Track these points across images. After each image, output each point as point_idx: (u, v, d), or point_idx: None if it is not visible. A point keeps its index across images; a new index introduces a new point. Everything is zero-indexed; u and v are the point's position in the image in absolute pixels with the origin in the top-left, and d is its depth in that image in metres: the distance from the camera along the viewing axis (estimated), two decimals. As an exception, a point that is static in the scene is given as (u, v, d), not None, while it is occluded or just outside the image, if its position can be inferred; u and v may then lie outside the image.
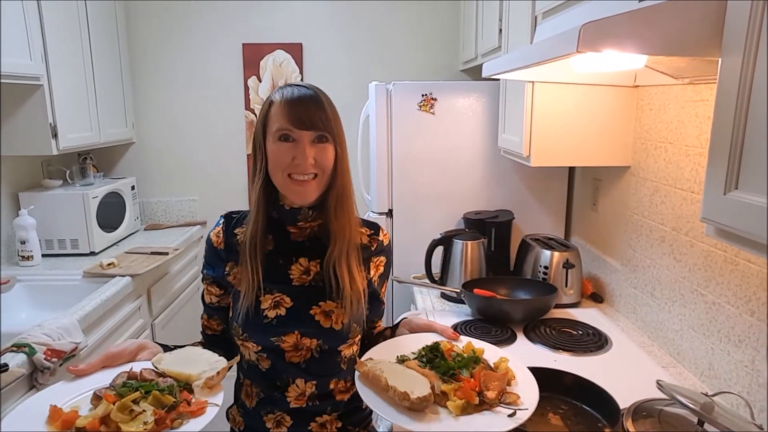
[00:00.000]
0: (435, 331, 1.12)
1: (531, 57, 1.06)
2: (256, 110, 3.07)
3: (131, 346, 0.99)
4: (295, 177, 1.00)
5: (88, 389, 0.89)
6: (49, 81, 2.15)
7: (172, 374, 0.92)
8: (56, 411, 0.81)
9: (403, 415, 0.87)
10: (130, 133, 2.94)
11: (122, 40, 2.83)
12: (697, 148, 1.36)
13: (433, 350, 1.02)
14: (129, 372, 0.92)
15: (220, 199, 3.13)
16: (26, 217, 2.23)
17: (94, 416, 0.79)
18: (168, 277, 2.54)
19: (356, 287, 1.05)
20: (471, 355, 1.00)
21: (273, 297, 1.04)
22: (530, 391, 0.93)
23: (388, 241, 1.17)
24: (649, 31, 0.80)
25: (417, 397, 0.86)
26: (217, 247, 1.09)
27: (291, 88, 1.02)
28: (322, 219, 1.06)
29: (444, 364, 0.97)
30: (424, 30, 3.03)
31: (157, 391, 0.85)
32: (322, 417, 1.09)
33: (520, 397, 0.90)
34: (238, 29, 2.98)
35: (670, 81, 1.36)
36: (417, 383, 0.90)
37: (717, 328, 1.27)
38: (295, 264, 1.06)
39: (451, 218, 2.23)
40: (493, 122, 2.16)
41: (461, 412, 0.87)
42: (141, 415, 0.80)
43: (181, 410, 0.83)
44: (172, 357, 0.97)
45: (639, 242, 1.66)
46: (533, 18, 1.64)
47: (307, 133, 0.98)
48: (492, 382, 0.91)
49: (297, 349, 1.04)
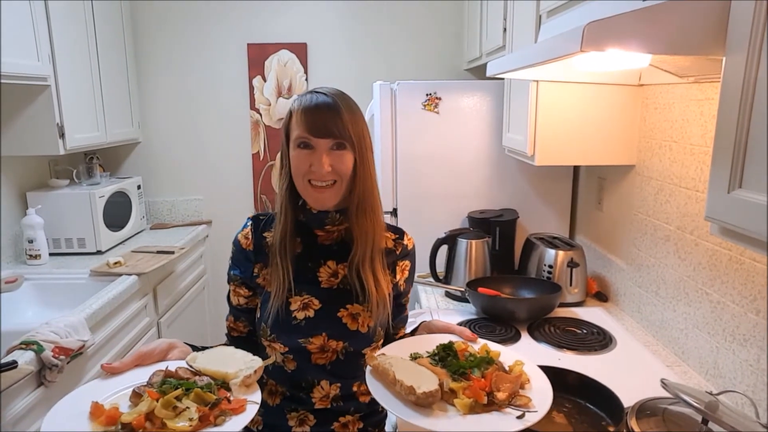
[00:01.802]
0: (453, 333, 1.13)
1: (535, 56, 1.07)
2: (261, 110, 3.08)
3: (162, 345, 1.00)
4: (314, 183, 1.02)
5: (125, 387, 0.90)
6: (56, 81, 2.17)
7: (208, 373, 0.93)
8: (98, 408, 0.81)
9: (409, 409, 0.87)
10: (135, 133, 2.96)
11: (128, 40, 2.85)
12: (701, 146, 1.36)
13: (446, 349, 1.02)
14: (165, 370, 0.93)
15: (226, 199, 3.15)
16: (34, 217, 2.25)
17: (139, 413, 0.80)
18: (174, 276, 2.56)
19: (382, 291, 1.06)
20: (484, 356, 1.00)
21: (302, 299, 1.06)
22: (543, 395, 0.93)
23: (412, 245, 1.18)
24: (653, 30, 0.81)
25: (423, 391, 0.86)
26: (245, 249, 1.10)
27: (311, 95, 1.03)
28: (349, 223, 1.08)
29: (456, 362, 0.97)
30: (428, 29, 3.03)
31: (198, 389, 0.86)
32: (345, 417, 1.11)
33: (531, 401, 0.90)
34: (243, 29, 2.99)
35: (674, 80, 1.35)
36: (425, 379, 0.90)
37: (722, 327, 1.27)
38: (323, 267, 1.08)
39: (455, 217, 2.23)
40: (498, 121, 2.16)
41: (469, 411, 0.87)
42: (185, 412, 0.81)
43: (223, 407, 0.84)
44: (206, 356, 0.98)
45: (644, 241, 1.65)
46: (537, 17, 1.64)
47: (324, 141, 1.00)
48: (503, 384, 0.91)
49: (323, 351, 1.06)
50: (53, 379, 1.51)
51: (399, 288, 1.16)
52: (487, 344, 1.08)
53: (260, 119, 3.09)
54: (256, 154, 3.13)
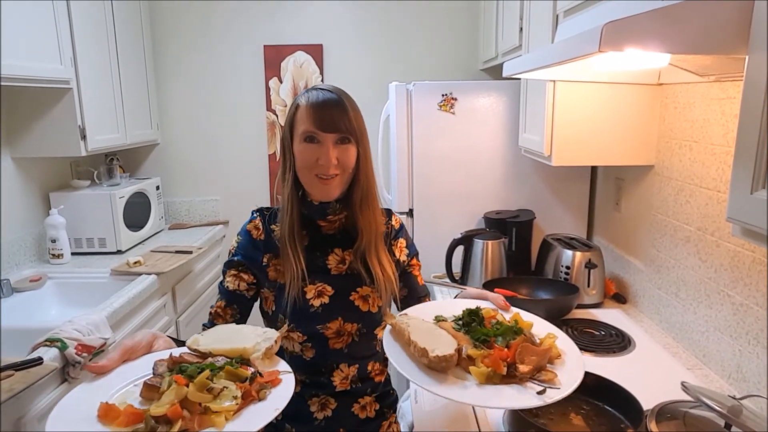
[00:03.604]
0: (486, 299, 1.13)
1: (553, 57, 1.06)
2: (278, 111, 3.10)
3: (146, 336, 0.96)
4: (320, 175, 1.06)
5: (124, 385, 0.82)
6: (78, 85, 2.21)
7: (220, 352, 0.86)
8: (111, 409, 0.72)
9: (421, 371, 0.83)
10: (154, 135, 3.01)
11: (147, 43, 2.89)
12: (723, 146, 1.34)
13: (472, 314, 0.97)
14: (171, 357, 0.85)
15: (242, 199, 3.18)
16: (56, 217, 2.30)
17: (171, 402, 0.72)
18: (192, 276, 2.59)
19: (387, 275, 1.12)
20: (511, 326, 0.94)
21: (316, 287, 1.09)
22: (572, 374, 0.86)
23: (399, 223, 1.24)
24: (673, 29, 0.80)
25: (436, 355, 0.81)
26: (256, 239, 1.13)
27: (316, 92, 1.07)
28: (348, 212, 1.13)
29: (480, 329, 0.92)
30: (443, 29, 3.02)
31: (229, 366, 0.80)
32: (363, 399, 1.15)
33: (557, 377, 0.84)
34: (259, 31, 3.02)
35: (695, 79, 1.34)
36: (442, 343, 0.85)
37: (745, 330, 1.25)
38: (331, 254, 1.13)
39: (471, 218, 2.23)
40: (514, 122, 2.15)
41: (485, 381, 0.82)
42: (224, 392, 0.75)
43: (259, 381, 0.80)
44: (208, 337, 0.91)
45: (663, 242, 1.63)
46: (554, 17, 1.63)
47: (331, 135, 1.04)
48: (528, 356, 0.84)
49: (339, 335, 1.10)
50: (76, 376, 1.54)
51: (402, 264, 1.21)
52: (519, 314, 1.01)
53: (276, 120, 3.11)
54: (273, 155, 3.15)
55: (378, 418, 1.18)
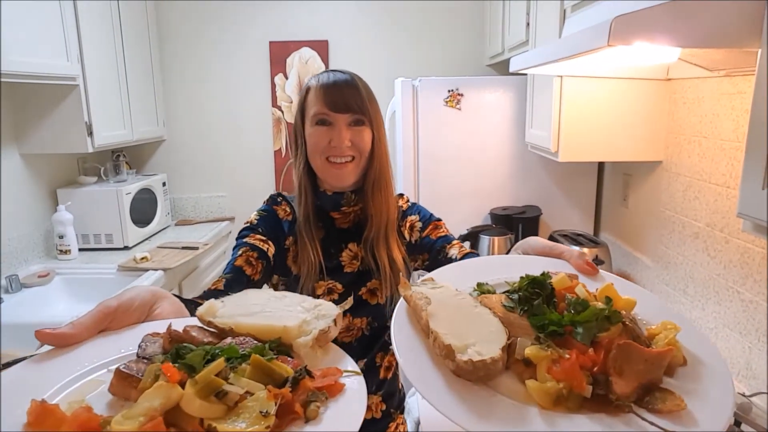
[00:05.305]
0: (559, 258, 0.72)
1: (561, 51, 1.05)
2: (283, 107, 3.10)
3: (141, 295, 0.61)
4: (332, 160, 1.00)
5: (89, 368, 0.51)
6: (84, 81, 2.22)
7: (245, 329, 0.54)
8: (48, 412, 0.42)
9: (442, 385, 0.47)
10: (161, 131, 3.02)
11: (153, 40, 2.90)
12: (733, 141, 1.32)
13: (535, 284, 0.58)
14: (168, 331, 0.54)
15: (248, 196, 3.18)
16: (64, 213, 2.31)
17: (150, 412, 0.41)
18: (198, 271, 2.60)
19: (396, 268, 1.06)
20: (603, 308, 0.54)
21: (326, 284, 1.06)
22: (715, 398, 0.48)
23: (407, 203, 1.15)
24: (684, 23, 0.79)
25: (469, 359, 0.47)
26: (282, 219, 1.07)
27: (327, 73, 1.02)
28: (363, 203, 1.06)
29: (547, 310, 0.54)
30: (449, 25, 3.01)
31: (257, 356, 0.48)
32: (369, 399, 1.09)
33: (684, 403, 0.46)
34: (265, 27, 3.02)
35: (704, 73, 1.32)
36: (483, 334, 0.51)
37: (755, 327, 1.24)
38: (345, 251, 1.07)
39: (477, 214, 2.22)
40: (521, 117, 2.14)
41: (551, 404, 0.46)
42: (247, 403, 0.43)
43: (308, 385, 0.47)
44: (231, 306, 0.59)
45: (671, 238, 1.62)
46: (562, 11, 1.62)
47: (343, 116, 0.99)
48: (632, 364, 0.48)
49: (348, 330, 1.06)
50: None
51: (412, 244, 1.10)
52: (613, 286, 0.59)
53: (282, 116, 3.11)
54: (278, 151, 3.15)
55: (384, 419, 1.13)
